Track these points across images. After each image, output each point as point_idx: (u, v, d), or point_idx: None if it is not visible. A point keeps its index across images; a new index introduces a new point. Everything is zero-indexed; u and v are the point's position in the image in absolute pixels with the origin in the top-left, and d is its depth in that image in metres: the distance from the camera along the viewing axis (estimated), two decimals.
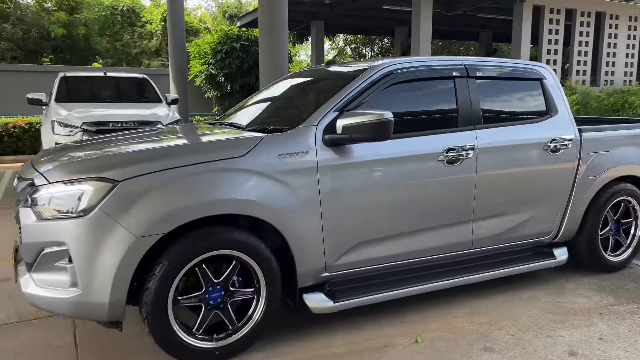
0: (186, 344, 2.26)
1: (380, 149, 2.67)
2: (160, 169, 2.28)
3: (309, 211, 2.51)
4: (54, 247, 2.18)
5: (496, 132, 3.02)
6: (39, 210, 2.20)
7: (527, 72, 3.27)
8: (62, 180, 2.23)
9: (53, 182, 2.24)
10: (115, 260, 2.13)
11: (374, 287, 2.77)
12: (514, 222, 3.09)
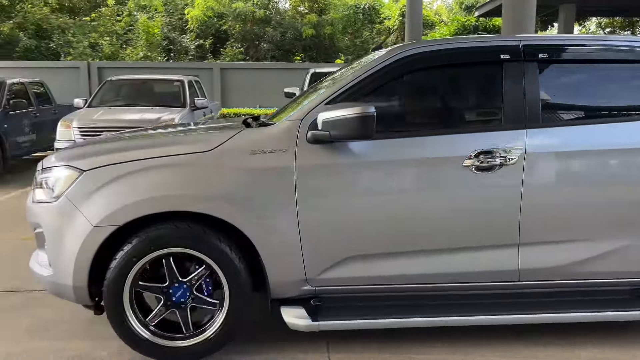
0: (137, 333, 2.34)
1: (378, 150, 2.44)
2: (122, 161, 2.39)
3: (282, 216, 2.39)
4: (39, 228, 2.45)
5: (562, 133, 2.53)
6: (34, 193, 2.52)
7: (630, 50, 2.66)
8: (46, 167, 2.51)
9: (44, 167, 2.53)
10: (75, 246, 2.30)
11: (371, 311, 2.52)
12: (592, 252, 2.50)
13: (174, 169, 2.38)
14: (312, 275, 2.47)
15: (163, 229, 2.33)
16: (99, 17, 17.88)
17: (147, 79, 8.63)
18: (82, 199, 2.33)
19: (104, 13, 17.88)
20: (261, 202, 2.37)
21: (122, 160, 2.40)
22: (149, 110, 7.18)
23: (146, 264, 2.33)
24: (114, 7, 18.16)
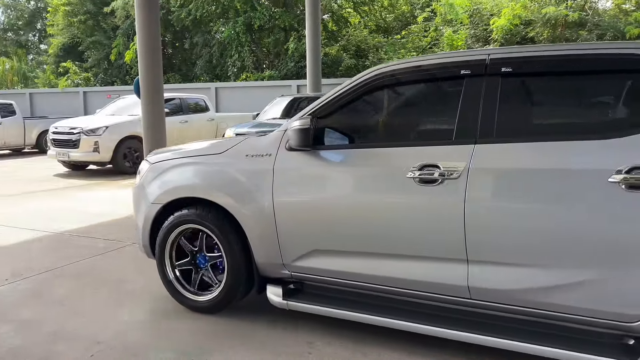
0: (167, 274, 3.46)
1: (338, 158, 2.87)
2: (169, 158, 3.48)
3: (264, 208, 3.01)
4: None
5: (509, 150, 2.45)
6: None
7: (617, 61, 2.40)
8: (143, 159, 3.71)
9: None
10: (142, 216, 3.50)
11: (338, 302, 2.89)
12: (547, 281, 2.36)
13: (194, 167, 3.33)
14: (287, 261, 3.04)
15: (187, 210, 3.30)
16: (408, 34, 20.50)
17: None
18: (148, 183, 3.49)
19: (413, 30, 20.37)
20: (249, 195, 3.07)
21: (169, 158, 3.49)
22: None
23: (181, 232, 3.37)
24: (423, 24, 20.49)
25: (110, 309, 3.53)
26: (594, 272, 2.31)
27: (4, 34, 30.83)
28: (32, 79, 29.07)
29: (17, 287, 3.97)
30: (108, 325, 3.27)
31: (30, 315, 3.44)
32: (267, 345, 2.97)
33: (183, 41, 22.92)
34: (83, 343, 3.03)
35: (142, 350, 2.94)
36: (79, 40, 24.58)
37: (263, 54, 21.40)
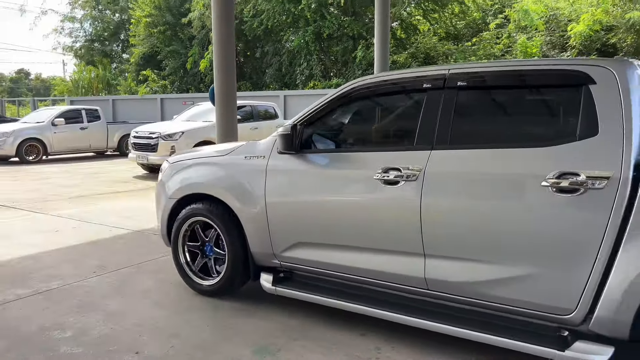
0: (180, 259, 3.95)
1: (307, 162, 3.29)
2: (183, 159, 4.03)
3: (257, 203, 3.45)
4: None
5: (460, 156, 2.76)
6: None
7: (551, 75, 2.70)
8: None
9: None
10: (161, 208, 4.05)
11: (320, 290, 3.27)
12: (492, 275, 2.65)
13: (203, 167, 3.81)
14: (277, 251, 3.46)
15: (196, 205, 3.78)
16: (479, 41, 20.05)
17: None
18: (167, 180, 4.03)
19: (485, 37, 19.90)
20: (246, 193, 3.51)
21: (185, 158, 4.02)
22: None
23: (193, 224, 3.84)
24: (495, 31, 19.97)
25: (187, 304, 3.74)
26: (530, 267, 2.55)
27: (91, 44, 33.10)
28: (115, 86, 30.99)
29: (104, 279, 4.29)
30: (186, 320, 3.47)
31: (116, 306, 3.72)
32: (337, 347, 3.05)
33: (254, 50, 23.63)
34: (164, 335, 3.24)
35: (218, 344, 3.11)
36: (158, 49, 25.95)
37: (331, 62, 21.66)
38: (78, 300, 3.82)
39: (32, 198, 8.34)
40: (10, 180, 10.68)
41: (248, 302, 3.75)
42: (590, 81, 2.51)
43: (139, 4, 27.05)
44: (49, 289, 4.06)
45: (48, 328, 3.34)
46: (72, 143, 15.27)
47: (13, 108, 33.71)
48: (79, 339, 3.19)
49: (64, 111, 15.61)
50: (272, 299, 3.69)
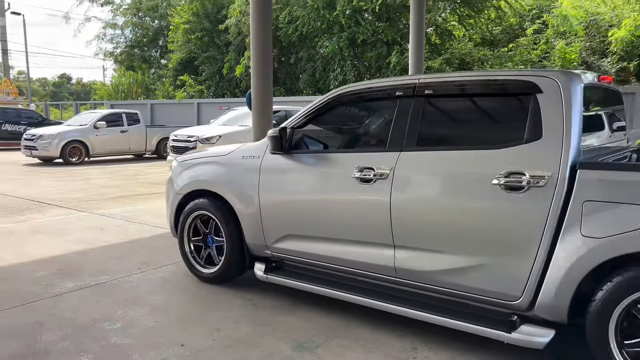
0: (185, 247, 4.34)
1: (303, 160, 3.61)
2: (189, 158, 4.41)
3: (252, 199, 3.81)
4: None
5: (424, 157, 3.07)
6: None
7: (505, 85, 3.00)
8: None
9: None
10: (170, 203, 4.44)
11: (306, 278, 3.63)
12: (451, 264, 2.93)
13: (206, 165, 4.20)
14: (269, 243, 3.81)
15: (199, 200, 4.17)
16: (515, 47, 19.78)
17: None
18: (175, 177, 4.41)
19: (521, 43, 19.61)
20: (242, 189, 3.88)
21: (191, 158, 4.42)
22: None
23: (196, 217, 4.21)
24: (532, 37, 19.68)
25: (228, 300, 3.88)
26: (483, 258, 2.83)
27: (131, 50, 34.09)
28: (153, 91, 31.82)
29: (147, 275, 4.49)
30: (226, 316, 3.61)
31: (160, 300, 3.90)
32: (376, 347, 3.13)
33: (289, 56, 23.91)
34: (206, 329, 3.39)
35: (258, 339, 3.24)
36: (195, 55, 26.54)
37: (364, 67, 21.74)
38: (125, 295, 4.02)
39: (77, 197, 8.70)
40: (56, 180, 11.14)
41: (287, 300, 3.86)
42: (538, 90, 2.78)
43: (177, 11, 27.75)
44: (99, 283, 4.28)
45: (99, 319, 3.53)
46: (112, 145, 15.79)
47: (56, 111, 35.00)
48: (128, 330, 3.37)
49: (106, 115, 16.17)
50: (310, 298, 3.80)
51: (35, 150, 14.61)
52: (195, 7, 26.02)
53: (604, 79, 3.28)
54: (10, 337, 3.25)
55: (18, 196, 8.81)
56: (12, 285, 4.22)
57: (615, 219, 2.46)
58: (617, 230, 2.44)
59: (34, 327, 3.41)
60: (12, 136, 20.07)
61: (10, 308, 3.74)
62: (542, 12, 20.36)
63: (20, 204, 8.04)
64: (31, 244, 5.55)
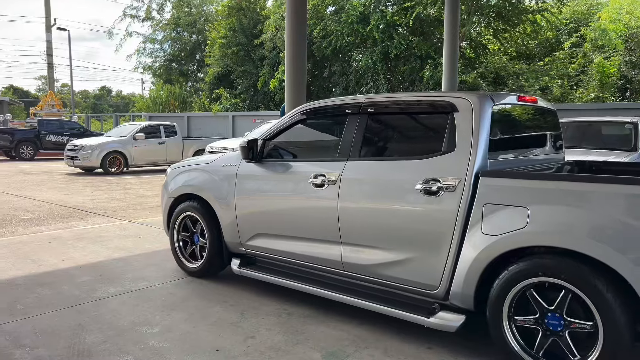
0: (175, 243, 4.95)
1: (270, 168, 4.15)
2: (180, 166, 4.96)
3: (229, 202, 4.32)
4: None
5: (364, 165, 3.57)
6: None
7: (429, 105, 3.49)
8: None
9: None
10: (164, 204, 5.00)
11: (273, 272, 4.15)
12: (384, 259, 3.41)
13: (193, 172, 4.73)
14: (243, 241, 4.31)
15: (187, 203, 4.71)
16: (552, 60, 19.49)
17: (594, 121, 8.76)
18: (168, 182, 4.98)
19: (558, 57, 19.30)
20: (222, 193, 4.39)
21: (182, 165, 4.96)
22: (593, 153, 7.40)
23: (184, 217, 4.77)
24: (569, 50, 19.35)
25: (262, 309, 3.97)
26: (410, 253, 3.26)
27: (169, 64, 35.09)
28: (190, 104, 32.60)
29: (183, 283, 4.64)
30: (260, 323, 3.71)
31: (196, 307, 4.03)
32: (404, 358, 3.16)
33: (322, 70, 24.18)
34: (241, 335, 3.49)
35: (290, 347, 3.31)
36: (231, 69, 27.12)
37: (397, 81, 21.78)
38: (163, 300, 4.16)
39: (116, 206, 9.00)
40: (96, 189, 11.55)
41: (320, 310, 3.93)
42: (455, 110, 3.23)
43: (215, 26, 28.47)
44: (138, 289, 4.44)
45: (138, 324, 3.68)
46: (150, 156, 16.25)
47: (97, 123, 36.22)
48: (165, 334, 3.49)
49: (144, 126, 16.67)
50: (343, 308, 3.85)
51: (77, 161, 15.17)
52: (232, 23, 26.65)
53: (526, 100, 3.69)
54: (55, 338, 3.42)
55: (62, 204, 9.18)
56: (57, 289, 4.42)
57: (507, 219, 2.87)
58: (508, 228, 2.85)
59: (77, 329, 3.57)
60: (56, 146, 20.89)
61: (56, 310, 3.92)
62: (579, 26, 20.05)
63: (64, 212, 8.38)
64: (75, 250, 5.79)
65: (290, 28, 8.51)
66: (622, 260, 2.51)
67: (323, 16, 21.59)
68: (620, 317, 2.54)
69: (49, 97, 28.86)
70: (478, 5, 18.79)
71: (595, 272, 2.61)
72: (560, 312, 2.74)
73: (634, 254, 2.49)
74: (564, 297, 2.72)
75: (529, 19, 18.86)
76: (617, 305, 2.54)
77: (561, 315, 2.74)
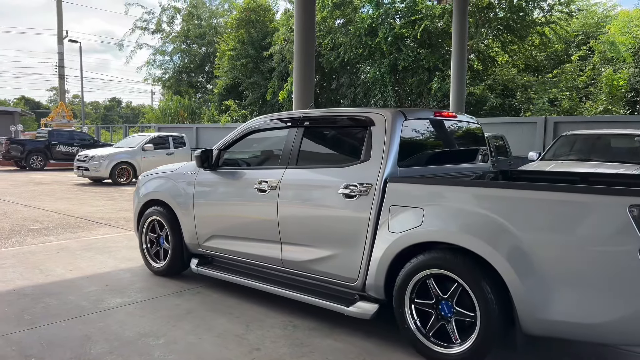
0: (143, 245, 5.40)
1: (224, 175, 4.58)
2: (148, 174, 5.43)
3: (189, 207, 4.78)
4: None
5: (299, 172, 4.01)
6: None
7: (353, 120, 3.94)
8: None
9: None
10: (134, 208, 5.47)
11: (228, 271, 4.57)
12: (314, 255, 3.85)
13: (159, 179, 5.22)
14: (200, 242, 4.75)
15: (153, 207, 5.17)
16: (560, 73, 19.45)
17: (603, 134, 8.74)
18: (138, 188, 5.47)
19: (567, 69, 19.26)
20: (182, 198, 4.85)
21: (151, 172, 5.42)
22: (602, 166, 7.43)
23: (152, 220, 5.23)
24: (578, 63, 19.31)
25: (267, 322, 3.96)
26: (334, 250, 3.69)
27: (179, 76, 35.41)
28: (199, 115, 32.82)
29: (189, 295, 4.64)
30: (266, 336, 3.69)
31: (201, 318, 4.03)
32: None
33: (330, 82, 24.28)
34: (246, 347, 3.48)
35: (308, 354, 3.29)
36: (240, 81, 27.31)
37: (405, 93, 21.81)
38: (168, 311, 4.16)
39: (124, 217, 9.04)
40: (105, 200, 11.62)
41: (326, 323, 3.91)
42: (372, 124, 3.67)
43: (224, 38, 28.72)
44: (144, 300, 4.45)
45: (144, 334, 3.68)
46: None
47: (107, 134, 36.52)
48: (171, 346, 3.49)
49: (153, 138, 16.80)
50: (349, 321, 3.84)
51: (87, 171, 15.29)
52: (241, 35, 26.88)
53: (442, 115, 4.14)
54: (62, 349, 3.42)
55: (71, 214, 9.24)
56: (64, 299, 4.44)
57: (407, 218, 3.31)
58: (408, 226, 3.29)
59: (83, 340, 3.58)
60: (66, 157, 21.09)
61: (63, 321, 3.93)
62: (588, 38, 20.02)
63: (72, 222, 8.43)
64: (82, 260, 5.82)
65: (299, 40, 8.58)
66: (493, 254, 2.90)
67: (331, 29, 21.73)
68: (494, 309, 2.92)
69: (60, 108, 29.18)
70: (486, 18, 18.84)
71: (476, 266, 3.00)
72: (451, 302, 3.15)
73: (504, 249, 2.89)
74: (455, 289, 3.11)
75: (537, 32, 18.87)
76: (494, 298, 2.91)
77: (452, 304, 3.15)
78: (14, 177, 17.46)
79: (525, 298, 2.83)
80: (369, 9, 20.48)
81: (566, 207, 2.76)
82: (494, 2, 19.07)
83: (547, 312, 2.79)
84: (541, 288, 2.79)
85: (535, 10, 19.03)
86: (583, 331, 2.76)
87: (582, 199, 2.74)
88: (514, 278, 2.83)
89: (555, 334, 2.85)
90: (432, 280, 3.22)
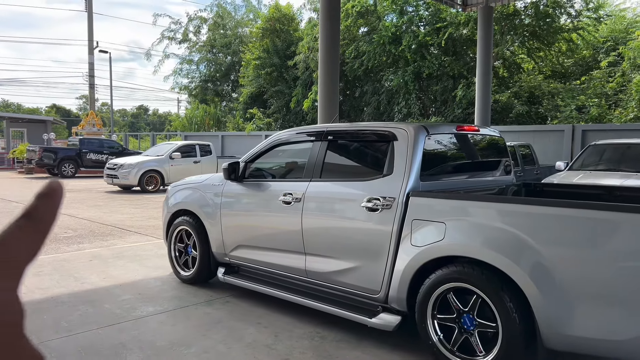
0: (172, 253, 5.48)
1: (250, 187, 4.70)
2: (178, 184, 5.60)
3: (216, 217, 4.87)
4: None
5: (323, 185, 4.08)
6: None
7: (376, 134, 4.01)
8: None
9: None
10: (163, 218, 5.61)
11: (253, 280, 4.66)
12: (338, 267, 3.88)
13: (187, 190, 5.35)
14: (227, 251, 4.84)
15: (182, 217, 5.29)
16: (589, 80, 19.12)
17: (634, 143, 8.46)
18: (167, 198, 5.62)
19: (595, 76, 18.93)
20: (209, 209, 4.98)
21: (179, 183, 5.62)
22: (633, 177, 7.20)
23: (180, 230, 5.35)
24: (607, 69, 18.96)
25: (295, 332, 4.03)
26: (357, 262, 3.73)
27: (205, 84, 35.97)
28: (224, 123, 33.25)
29: (218, 304, 4.74)
30: (294, 346, 3.76)
31: (231, 328, 4.12)
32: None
33: (354, 90, 24.36)
34: (275, 357, 3.55)
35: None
36: (264, 89, 27.62)
37: (429, 100, 21.74)
38: (199, 320, 4.26)
39: (153, 225, 9.24)
40: (134, 207, 11.88)
41: (354, 335, 3.96)
42: (395, 138, 3.74)
43: (249, 47, 29.09)
44: (175, 308, 4.56)
45: (176, 343, 3.78)
46: (185, 175, 16.50)
47: (134, 141, 37.25)
48: (202, 355, 3.58)
49: (181, 146, 17.10)
50: (377, 333, 3.87)
51: (116, 179, 15.65)
52: (266, 44, 27.19)
53: (465, 129, 4.19)
54: (98, 356, 3.55)
55: (102, 222, 9.49)
56: (99, 307, 4.58)
57: (430, 232, 3.33)
58: (430, 240, 3.32)
59: (119, 347, 3.70)
60: (95, 164, 21.60)
61: (99, 328, 4.07)
62: (617, 44, 19.65)
63: (104, 230, 8.66)
64: (115, 268, 5.99)
65: (323, 49, 8.68)
66: (515, 269, 2.91)
67: (355, 37, 21.84)
68: (516, 321, 2.92)
69: (90, 117, 29.90)
70: (512, 24, 18.69)
71: (497, 280, 3.01)
72: (473, 314, 3.15)
73: (526, 264, 2.90)
74: (475, 301, 3.13)
75: (564, 38, 18.62)
76: (515, 310, 2.92)
77: (473, 316, 3.15)
78: None
79: (546, 313, 2.82)
80: (392, 17, 20.53)
81: (589, 223, 2.77)
82: (520, 9, 18.89)
83: (569, 328, 2.78)
84: (563, 303, 2.79)
85: (563, 17, 18.79)
86: (607, 348, 2.73)
87: (606, 217, 2.73)
88: (536, 293, 2.83)
89: (578, 349, 2.84)
90: (452, 294, 3.25)
